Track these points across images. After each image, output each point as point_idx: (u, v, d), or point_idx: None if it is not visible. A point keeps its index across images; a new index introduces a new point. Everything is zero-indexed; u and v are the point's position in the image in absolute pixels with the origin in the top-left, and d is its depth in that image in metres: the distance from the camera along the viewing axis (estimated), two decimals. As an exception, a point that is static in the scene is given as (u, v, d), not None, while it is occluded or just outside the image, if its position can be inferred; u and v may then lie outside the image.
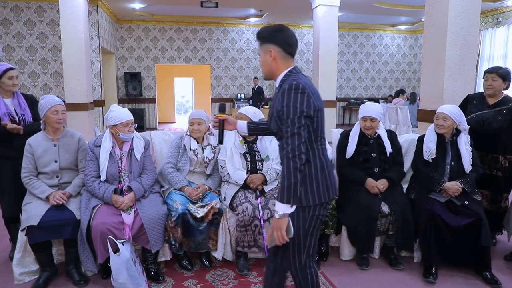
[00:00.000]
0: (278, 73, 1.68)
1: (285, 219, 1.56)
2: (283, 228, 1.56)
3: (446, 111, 2.70)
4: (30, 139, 2.56)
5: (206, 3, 8.64)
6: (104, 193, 2.48)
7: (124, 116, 2.55)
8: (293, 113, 1.53)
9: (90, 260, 2.42)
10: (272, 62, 1.67)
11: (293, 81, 1.57)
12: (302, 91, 1.54)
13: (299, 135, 1.53)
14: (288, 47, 1.66)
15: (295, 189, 1.53)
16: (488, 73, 2.90)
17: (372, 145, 2.89)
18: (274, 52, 1.65)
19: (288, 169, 1.52)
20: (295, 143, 1.52)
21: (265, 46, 1.68)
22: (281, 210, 1.55)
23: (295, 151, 1.52)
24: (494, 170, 2.90)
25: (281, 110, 1.57)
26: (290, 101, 1.54)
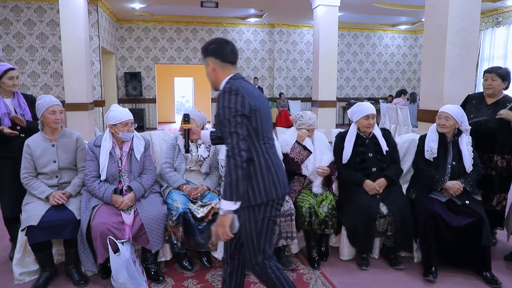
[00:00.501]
0: (220, 82, 1.78)
1: (228, 216, 1.63)
2: (226, 225, 1.62)
3: (448, 110, 2.70)
4: (28, 140, 2.56)
5: (206, 3, 8.64)
6: (104, 193, 2.48)
7: (124, 116, 2.55)
8: (229, 113, 1.62)
9: (90, 260, 2.42)
10: (212, 73, 1.79)
11: (228, 85, 1.69)
12: (235, 93, 1.64)
13: (237, 133, 1.62)
14: (224, 57, 1.77)
15: (237, 185, 1.59)
16: (487, 73, 2.90)
17: (368, 145, 2.89)
18: (212, 63, 1.78)
19: (230, 166, 1.60)
20: (234, 141, 1.61)
21: (205, 60, 1.81)
22: (225, 207, 1.62)
23: (234, 148, 1.60)
24: (488, 169, 2.90)
25: (219, 111, 1.68)
26: (225, 102, 1.64)
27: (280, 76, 12.39)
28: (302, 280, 2.58)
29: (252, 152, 1.70)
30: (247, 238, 1.76)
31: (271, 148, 1.78)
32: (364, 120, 2.86)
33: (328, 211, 2.74)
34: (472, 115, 2.93)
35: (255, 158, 1.70)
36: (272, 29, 12.17)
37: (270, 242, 1.79)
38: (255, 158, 1.70)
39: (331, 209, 2.76)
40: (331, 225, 2.75)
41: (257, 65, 12.33)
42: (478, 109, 2.93)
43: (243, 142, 1.62)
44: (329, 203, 2.77)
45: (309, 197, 2.81)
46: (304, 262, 2.84)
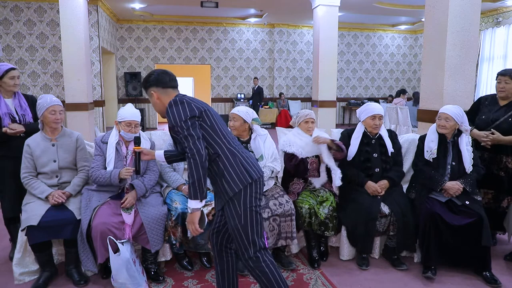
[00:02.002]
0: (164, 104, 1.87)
1: (197, 213, 1.75)
2: (195, 222, 1.75)
3: (448, 111, 2.70)
4: (28, 140, 2.56)
5: (206, 3, 8.64)
6: (110, 174, 2.49)
7: (129, 115, 2.58)
8: (179, 120, 1.72)
9: (90, 260, 2.42)
10: (157, 101, 1.88)
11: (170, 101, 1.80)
12: (180, 102, 1.76)
13: (191, 135, 1.71)
14: (164, 84, 1.87)
15: (199, 184, 1.69)
16: (501, 75, 2.89)
17: (374, 145, 2.89)
18: (155, 93, 1.87)
19: (191, 167, 1.68)
20: (190, 142, 1.70)
21: (148, 92, 1.91)
22: (192, 206, 1.73)
23: (192, 149, 1.68)
24: (498, 170, 2.89)
25: (170, 124, 1.76)
26: (172, 114, 1.75)
27: (280, 76, 12.39)
28: (302, 280, 2.58)
29: (215, 148, 1.79)
30: (235, 233, 1.80)
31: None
32: (370, 120, 2.86)
33: (328, 212, 2.74)
34: (484, 116, 2.93)
35: (220, 152, 1.78)
36: (272, 29, 12.17)
37: (260, 234, 1.82)
38: (220, 152, 1.78)
39: (332, 210, 2.76)
40: (331, 227, 2.74)
41: (257, 65, 12.33)
42: (490, 110, 2.93)
43: (199, 141, 1.71)
44: (330, 205, 2.77)
45: (309, 198, 2.81)
46: (304, 262, 2.84)
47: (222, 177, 1.78)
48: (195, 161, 1.67)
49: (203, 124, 1.77)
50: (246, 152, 1.87)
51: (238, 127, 2.82)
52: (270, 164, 2.84)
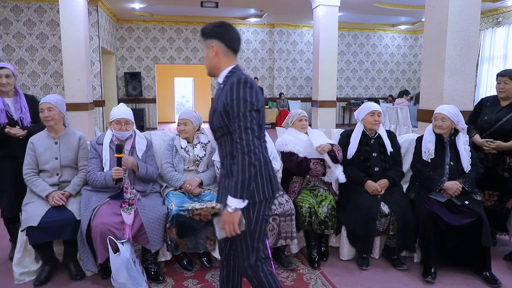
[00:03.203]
0: (221, 70, 1.67)
1: (237, 213, 1.56)
2: (235, 222, 1.57)
3: (444, 111, 2.70)
4: (32, 137, 2.59)
5: (206, 3, 8.64)
6: (105, 175, 2.52)
7: (118, 114, 2.61)
8: (244, 106, 1.51)
9: (90, 260, 2.43)
10: (214, 57, 1.66)
11: (242, 75, 1.57)
12: (250, 86, 1.55)
13: (252, 130, 1.52)
14: (230, 42, 1.65)
15: (248, 184, 1.54)
16: (500, 76, 2.89)
17: (373, 144, 2.90)
18: (216, 47, 1.64)
19: (243, 164, 1.51)
20: (249, 137, 1.51)
21: (208, 42, 1.66)
22: (234, 205, 1.54)
23: (250, 145, 1.51)
24: (502, 171, 2.89)
25: (229, 103, 1.54)
26: (240, 94, 1.52)
27: (280, 76, 12.39)
28: (302, 280, 2.58)
29: None
30: (241, 237, 1.68)
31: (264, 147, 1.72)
32: (370, 117, 2.87)
33: (327, 211, 2.74)
34: (486, 117, 2.94)
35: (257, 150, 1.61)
36: (272, 29, 12.17)
37: (264, 243, 1.74)
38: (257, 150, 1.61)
39: (331, 209, 2.76)
40: (331, 225, 2.75)
41: (257, 65, 12.33)
42: (492, 111, 2.93)
43: (257, 139, 1.55)
44: (329, 203, 2.77)
45: (309, 197, 2.81)
46: (304, 262, 2.84)
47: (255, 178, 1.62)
48: (249, 158, 1.51)
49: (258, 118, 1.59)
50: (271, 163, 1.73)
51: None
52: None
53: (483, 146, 2.88)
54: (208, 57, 1.68)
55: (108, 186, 2.54)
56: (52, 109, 2.57)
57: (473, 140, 2.88)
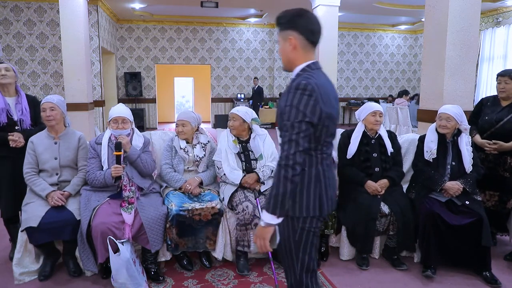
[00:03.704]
0: (296, 65, 1.49)
1: (269, 229, 1.43)
2: (266, 238, 1.44)
3: (449, 111, 2.70)
4: (33, 137, 2.60)
5: (206, 3, 8.64)
6: (104, 174, 2.53)
7: (114, 113, 2.64)
8: (295, 116, 1.36)
9: (90, 260, 2.42)
10: (291, 51, 1.48)
11: (303, 80, 1.40)
12: (309, 94, 1.36)
13: (297, 143, 1.36)
14: (311, 35, 1.46)
15: (282, 200, 1.38)
16: (500, 76, 2.90)
17: (374, 145, 2.89)
18: (295, 39, 1.46)
19: (278, 177, 1.38)
20: (291, 150, 1.36)
21: (285, 33, 1.48)
22: (266, 220, 1.41)
23: (289, 159, 1.36)
24: (503, 171, 2.89)
25: (283, 109, 1.40)
26: (294, 101, 1.37)
27: (280, 76, 12.39)
28: (302, 280, 2.58)
29: (305, 161, 1.44)
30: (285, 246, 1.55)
31: (326, 158, 1.51)
32: (371, 117, 2.87)
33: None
34: (487, 117, 2.94)
35: (306, 167, 1.45)
36: (272, 29, 12.17)
37: (311, 255, 1.56)
38: (306, 167, 1.45)
39: (331, 209, 2.76)
40: (331, 225, 2.75)
41: (257, 65, 12.33)
42: (493, 111, 2.93)
43: (300, 154, 1.37)
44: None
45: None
46: (304, 262, 2.83)
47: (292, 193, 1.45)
48: (286, 173, 1.36)
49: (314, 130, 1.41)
50: (331, 178, 1.53)
51: (238, 126, 2.83)
52: (270, 163, 2.84)
53: (483, 146, 2.88)
54: (284, 50, 1.50)
55: (108, 184, 2.54)
56: (54, 109, 2.58)
57: (473, 140, 2.88)
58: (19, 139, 2.63)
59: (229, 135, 2.87)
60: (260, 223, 1.45)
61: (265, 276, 2.63)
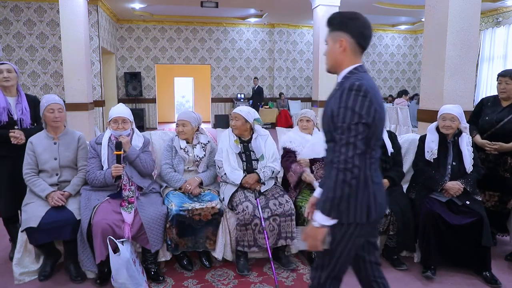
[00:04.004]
0: (343, 68, 1.49)
1: (323, 230, 1.41)
2: (318, 239, 1.42)
3: (454, 112, 2.69)
4: (32, 137, 2.59)
5: (206, 3, 8.64)
6: (104, 173, 2.53)
7: (114, 113, 2.64)
8: (350, 118, 1.34)
9: (90, 260, 2.42)
10: (340, 53, 1.47)
11: (356, 81, 1.38)
12: (364, 94, 1.35)
13: (355, 146, 1.34)
14: (362, 39, 1.46)
15: (339, 203, 1.37)
16: (501, 76, 2.89)
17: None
18: (346, 42, 1.45)
19: (336, 181, 1.35)
20: (349, 153, 1.34)
21: (336, 34, 1.47)
22: (320, 220, 1.39)
23: (348, 162, 1.34)
24: (503, 171, 2.89)
25: (336, 111, 1.38)
26: (349, 103, 1.35)
27: (280, 76, 12.39)
28: (302, 280, 2.58)
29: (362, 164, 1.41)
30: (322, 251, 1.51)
31: (374, 163, 1.48)
32: None
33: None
34: (487, 117, 2.94)
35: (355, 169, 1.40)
36: (272, 29, 12.17)
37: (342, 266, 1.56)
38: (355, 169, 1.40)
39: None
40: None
41: (257, 65, 12.33)
42: (494, 111, 2.93)
43: (358, 157, 1.35)
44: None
45: (309, 197, 2.81)
46: (304, 262, 2.83)
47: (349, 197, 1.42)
48: (344, 176, 1.33)
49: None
50: (379, 184, 1.50)
51: (240, 126, 2.83)
52: (271, 164, 2.84)
53: (484, 146, 2.88)
54: (332, 51, 1.49)
55: (108, 184, 2.54)
56: (62, 111, 2.61)
57: (474, 141, 2.88)
58: (20, 136, 2.64)
59: (231, 134, 2.87)
60: (312, 223, 1.42)
61: (265, 276, 2.63)
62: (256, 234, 2.61)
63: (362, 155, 1.38)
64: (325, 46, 1.53)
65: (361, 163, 1.38)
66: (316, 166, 2.87)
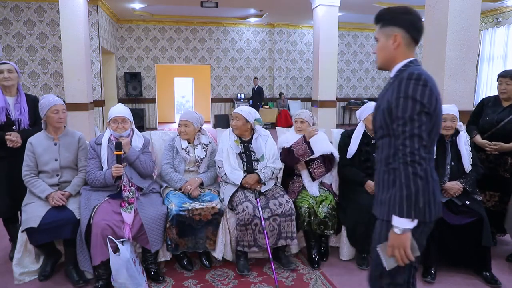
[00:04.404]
0: (396, 63, 1.44)
1: (407, 236, 1.31)
2: (407, 246, 1.31)
3: (454, 112, 2.70)
4: (31, 138, 2.58)
5: (206, 3, 8.64)
6: (104, 174, 2.53)
7: (114, 113, 2.63)
8: (412, 107, 1.29)
9: (87, 260, 2.41)
10: (395, 49, 1.43)
11: (415, 70, 1.34)
12: (424, 83, 1.30)
13: (420, 137, 1.29)
14: (416, 33, 1.42)
15: (416, 199, 1.29)
16: (501, 77, 2.89)
17: (374, 145, 2.89)
18: (400, 37, 1.41)
19: (407, 175, 1.29)
20: (415, 145, 1.28)
21: (388, 29, 1.43)
22: (401, 225, 1.30)
23: (415, 155, 1.28)
24: (503, 171, 2.89)
25: (394, 102, 1.33)
26: (409, 92, 1.30)
27: (280, 76, 12.39)
28: (302, 280, 2.58)
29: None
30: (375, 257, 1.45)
31: (431, 159, 1.39)
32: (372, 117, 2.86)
33: (328, 211, 2.74)
34: (488, 118, 2.94)
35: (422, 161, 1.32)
36: (272, 29, 12.17)
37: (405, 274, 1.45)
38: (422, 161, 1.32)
39: (331, 209, 2.76)
40: (331, 225, 2.75)
41: (257, 65, 12.33)
42: (494, 112, 2.93)
43: (424, 148, 1.29)
44: (329, 204, 2.77)
45: (309, 197, 2.81)
46: (304, 262, 2.84)
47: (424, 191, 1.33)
48: (413, 168, 1.27)
49: None
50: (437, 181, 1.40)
51: (240, 126, 2.83)
52: (271, 164, 2.84)
53: (484, 147, 2.88)
54: (385, 47, 1.45)
55: (108, 184, 2.53)
56: (65, 111, 2.61)
57: (474, 141, 2.88)
58: (17, 139, 2.62)
59: (231, 134, 2.87)
60: (393, 230, 1.32)
61: (265, 276, 2.63)
62: (256, 234, 2.61)
63: (427, 148, 1.31)
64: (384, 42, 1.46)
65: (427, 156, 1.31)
66: (313, 165, 2.86)
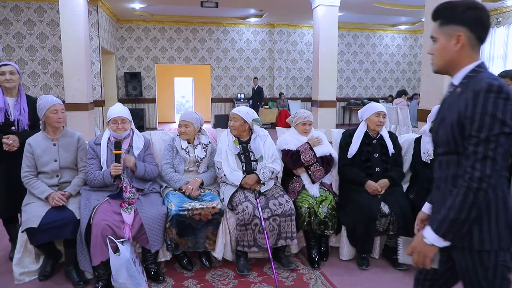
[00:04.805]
0: (460, 67, 1.26)
1: (433, 248, 1.25)
2: (428, 256, 1.26)
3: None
4: (30, 139, 2.57)
5: (206, 3, 8.64)
6: (103, 173, 2.53)
7: (113, 113, 2.63)
8: (490, 126, 1.12)
9: (87, 260, 2.41)
10: (458, 50, 1.24)
11: (493, 80, 1.15)
12: (505, 97, 1.12)
13: (493, 161, 1.13)
14: (483, 32, 1.23)
15: (461, 227, 1.19)
16: (501, 77, 2.87)
17: (375, 145, 2.90)
18: (463, 37, 1.22)
19: (463, 201, 1.16)
20: (487, 170, 1.13)
21: (450, 28, 1.24)
22: (432, 240, 1.23)
23: (483, 181, 1.13)
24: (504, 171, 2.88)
25: (470, 118, 1.16)
26: (488, 108, 1.12)
27: (280, 76, 12.39)
28: (302, 280, 2.58)
29: None
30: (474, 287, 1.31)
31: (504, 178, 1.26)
32: (375, 117, 2.86)
33: (328, 211, 2.74)
34: None
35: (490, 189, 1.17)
36: (272, 29, 12.17)
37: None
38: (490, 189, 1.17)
39: (331, 209, 2.76)
40: (331, 225, 2.75)
41: (257, 65, 12.33)
42: None
43: (496, 175, 1.15)
44: (329, 204, 2.77)
45: (309, 197, 2.82)
46: (304, 262, 2.84)
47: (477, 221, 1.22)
48: (474, 197, 1.15)
49: None
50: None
51: (238, 127, 2.83)
52: (270, 165, 2.84)
53: None
54: (445, 49, 1.26)
55: (107, 184, 2.53)
56: (64, 111, 2.61)
57: None
58: (14, 143, 2.61)
59: (230, 135, 2.87)
60: (424, 239, 1.26)
61: (265, 276, 2.63)
62: (256, 234, 2.61)
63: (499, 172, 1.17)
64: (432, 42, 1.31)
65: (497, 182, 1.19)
66: (312, 169, 2.87)
